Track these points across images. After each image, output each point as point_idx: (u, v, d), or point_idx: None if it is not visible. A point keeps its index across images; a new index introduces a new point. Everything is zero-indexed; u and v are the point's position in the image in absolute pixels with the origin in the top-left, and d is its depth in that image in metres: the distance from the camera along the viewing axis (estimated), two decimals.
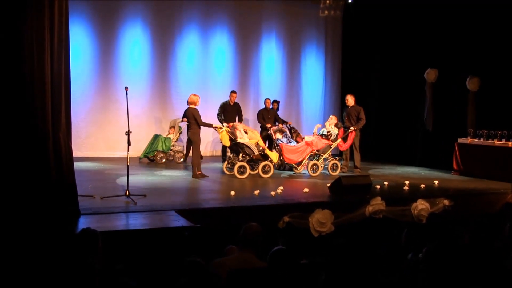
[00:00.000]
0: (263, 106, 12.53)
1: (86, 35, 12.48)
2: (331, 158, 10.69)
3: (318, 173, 10.30)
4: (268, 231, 4.82)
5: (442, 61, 12.30)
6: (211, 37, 13.90)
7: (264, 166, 9.85)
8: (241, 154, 9.81)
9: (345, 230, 6.60)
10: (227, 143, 9.87)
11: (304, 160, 10.49)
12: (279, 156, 10.47)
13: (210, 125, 9.78)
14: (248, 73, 14.43)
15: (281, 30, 14.79)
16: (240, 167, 9.60)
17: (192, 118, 9.42)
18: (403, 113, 13.70)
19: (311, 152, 10.51)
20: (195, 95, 9.66)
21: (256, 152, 9.76)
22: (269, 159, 9.89)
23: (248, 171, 9.64)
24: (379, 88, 14.43)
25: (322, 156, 10.56)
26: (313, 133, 11.00)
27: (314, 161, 10.42)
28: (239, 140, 9.76)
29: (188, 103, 9.57)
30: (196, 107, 9.53)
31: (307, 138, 10.74)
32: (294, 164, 10.51)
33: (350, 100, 10.96)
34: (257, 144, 9.87)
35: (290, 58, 14.98)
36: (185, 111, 9.87)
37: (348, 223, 6.77)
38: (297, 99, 14.99)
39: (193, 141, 9.59)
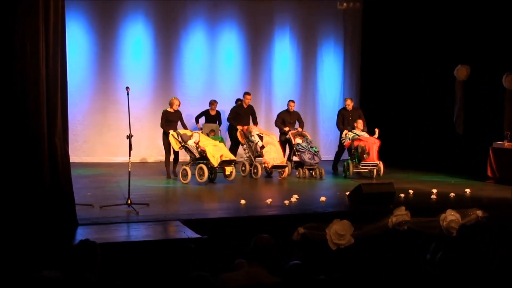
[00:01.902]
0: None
1: (84, 31, 12.59)
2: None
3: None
4: (281, 244, 4.82)
5: (474, 56, 12.20)
6: (219, 33, 13.94)
7: (199, 170, 9.61)
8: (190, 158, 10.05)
9: (366, 243, 6.58)
10: (176, 147, 10.05)
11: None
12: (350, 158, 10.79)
13: (164, 130, 10.28)
14: (260, 72, 14.44)
15: (295, 25, 14.79)
16: (183, 170, 9.72)
17: None
18: (430, 114, 13.61)
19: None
20: (174, 98, 10.66)
21: (197, 155, 9.75)
22: (208, 161, 9.62)
23: (189, 176, 9.59)
24: (403, 87, 14.36)
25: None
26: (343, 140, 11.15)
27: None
28: (188, 143, 9.89)
29: None
30: (173, 110, 10.46)
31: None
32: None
33: (351, 103, 11.92)
34: (196, 145, 9.82)
35: (305, 55, 14.96)
36: None
37: (369, 235, 6.74)
38: (313, 99, 14.97)
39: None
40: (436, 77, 13.28)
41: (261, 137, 10.94)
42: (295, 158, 11.03)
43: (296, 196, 8.06)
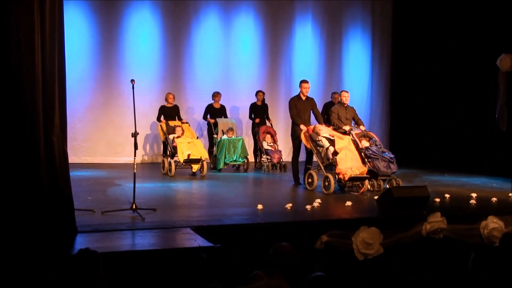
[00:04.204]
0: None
1: (84, 18, 12.68)
2: None
3: None
4: (303, 253, 4.81)
5: None
6: (234, 19, 13.96)
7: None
8: None
9: (397, 253, 6.54)
10: (162, 138, 11.76)
11: None
12: None
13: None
14: (279, 63, 14.45)
15: (318, 10, 14.76)
16: (162, 162, 11.58)
17: None
18: (469, 109, 13.48)
19: None
20: (169, 92, 12.15)
21: (171, 149, 11.20)
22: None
23: (172, 168, 10.95)
24: (439, 79, 14.25)
25: None
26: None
27: None
28: (169, 136, 11.38)
29: None
30: (170, 104, 11.95)
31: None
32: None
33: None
34: (173, 139, 11.23)
35: (329, 44, 14.93)
36: None
37: (400, 244, 6.70)
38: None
39: None
40: (476, 68, 13.14)
41: (331, 141, 9.56)
42: None
43: (319, 200, 8.03)
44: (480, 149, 13.19)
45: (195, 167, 11.04)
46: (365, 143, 9.76)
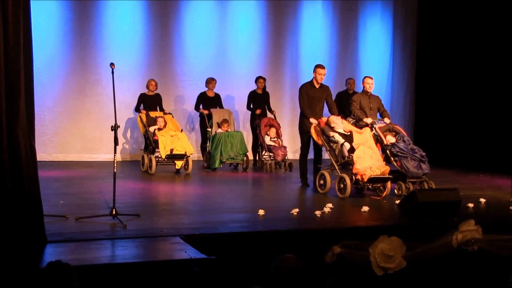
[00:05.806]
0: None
1: None
2: None
3: None
4: (311, 267, 4.81)
5: None
6: None
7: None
8: None
9: (422, 268, 6.54)
10: (142, 131, 12.00)
11: None
12: None
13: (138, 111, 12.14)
14: (284, 46, 14.47)
15: None
16: (142, 158, 11.84)
17: None
18: (505, 104, 13.45)
19: None
20: (151, 79, 12.24)
21: (152, 143, 11.46)
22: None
23: (152, 165, 11.15)
24: (473, 62, 14.22)
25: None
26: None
27: None
28: (149, 129, 11.62)
29: None
30: (147, 92, 12.16)
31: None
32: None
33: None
34: (153, 132, 11.49)
35: (342, 23, 14.94)
36: None
37: (427, 257, 6.70)
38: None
39: None
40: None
41: (346, 136, 9.50)
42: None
43: (330, 205, 8.04)
44: None
45: (179, 164, 11.21)
46: (390, 139, 9.63)
